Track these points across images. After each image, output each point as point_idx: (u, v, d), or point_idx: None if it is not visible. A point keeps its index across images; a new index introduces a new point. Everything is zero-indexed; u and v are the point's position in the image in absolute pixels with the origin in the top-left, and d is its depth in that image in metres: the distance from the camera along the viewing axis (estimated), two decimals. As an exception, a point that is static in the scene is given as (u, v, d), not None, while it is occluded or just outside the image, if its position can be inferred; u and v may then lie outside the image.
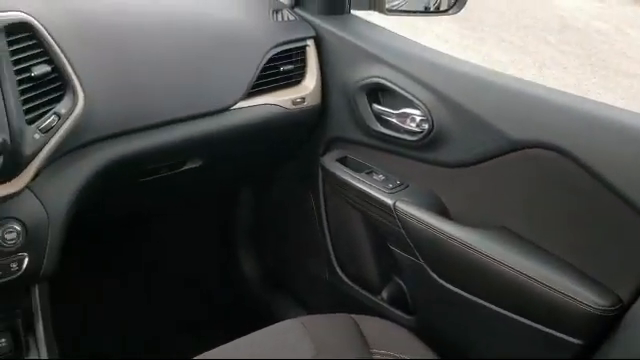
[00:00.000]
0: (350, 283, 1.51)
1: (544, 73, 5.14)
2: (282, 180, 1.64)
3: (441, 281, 1.21)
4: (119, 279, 1.70)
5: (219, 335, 1.12)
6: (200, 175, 1.37)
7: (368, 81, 1.29)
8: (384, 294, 1.43)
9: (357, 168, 1.37)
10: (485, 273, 1.10)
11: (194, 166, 1.32)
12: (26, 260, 1.03)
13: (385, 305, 1.42)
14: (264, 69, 1.30)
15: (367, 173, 1.35)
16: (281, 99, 1.35)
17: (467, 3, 1.40)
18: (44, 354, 1.09)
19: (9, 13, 0.95)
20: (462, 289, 1.17)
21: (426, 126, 1.21)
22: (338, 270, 1.53)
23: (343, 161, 1.40)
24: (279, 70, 1.34)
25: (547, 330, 1.04)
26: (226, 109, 1.25)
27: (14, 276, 1.02)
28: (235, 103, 1.26)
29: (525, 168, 1.09)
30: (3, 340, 1.08)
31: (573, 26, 6.39)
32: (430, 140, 1.21)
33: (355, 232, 1.45)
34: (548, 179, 1.06)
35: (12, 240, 0.99)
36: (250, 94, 1.29)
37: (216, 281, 1.85)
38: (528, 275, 1.04)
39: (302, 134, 1.47)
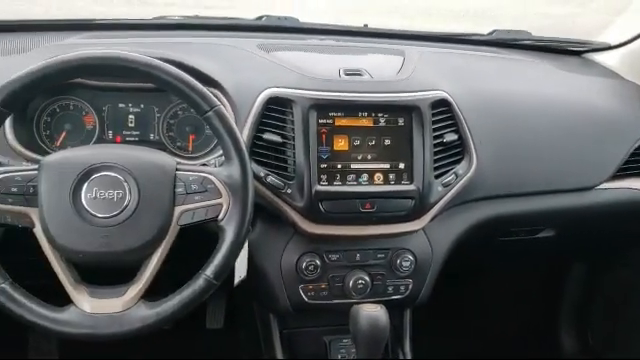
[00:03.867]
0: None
1: None
2: (626, 264, 1.64)
3: None
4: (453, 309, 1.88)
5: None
6: (548, 244, 1.48)
7: None
8: None
9: None
10: None
11: (547, 235, 1.44)
12: (411, 286, 1.27)
13: None
14: (632, 154, 1.37)
15: None
16: (645, 186, 1.39)
17: None
18: None
19: (435, 92, 1.22)
20: None
21: None
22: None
23: None
24: None
25: None
26: (591, 188, 1.35)
27: (400, 296, 1.27)
28: (600, 183, 1.36)
29: None
30: None
31: None
32: None
33: None
34: None
35: (406, 267, 1.25)
36: (615, 177, 1.37)
37: (528, 341, 1.90)
38: None
39: (660, 224, 1.47)
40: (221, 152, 1.17)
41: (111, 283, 0.98)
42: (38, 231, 0.92)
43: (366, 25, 1.76)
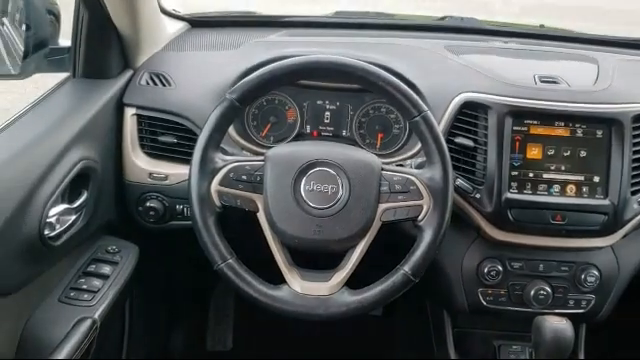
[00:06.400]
0: None
1: None
2: None
3: None
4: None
5: None
6: None
7: None
8: None
9: None
10: None
11: None
12: (593, 301, 1.24)
13: None
14: None
15: None
16: None
17: None
18: None
19: (637, 105, 1.18)
20: None
21: None
22: None
23: None
24: None
25: None
26: None
27: (580, 310, 1.24)
28: None
29: None
30: None
31: None
32: None
33: None
34: None
35: (590, 283, 1.22)
36: None
37: None
38: None
39: None
40: (413, 152, 1.23)
41: (310, 268, 1.07)
42: (261, 216, 1.02)
43: (542, 26, 1.72)
